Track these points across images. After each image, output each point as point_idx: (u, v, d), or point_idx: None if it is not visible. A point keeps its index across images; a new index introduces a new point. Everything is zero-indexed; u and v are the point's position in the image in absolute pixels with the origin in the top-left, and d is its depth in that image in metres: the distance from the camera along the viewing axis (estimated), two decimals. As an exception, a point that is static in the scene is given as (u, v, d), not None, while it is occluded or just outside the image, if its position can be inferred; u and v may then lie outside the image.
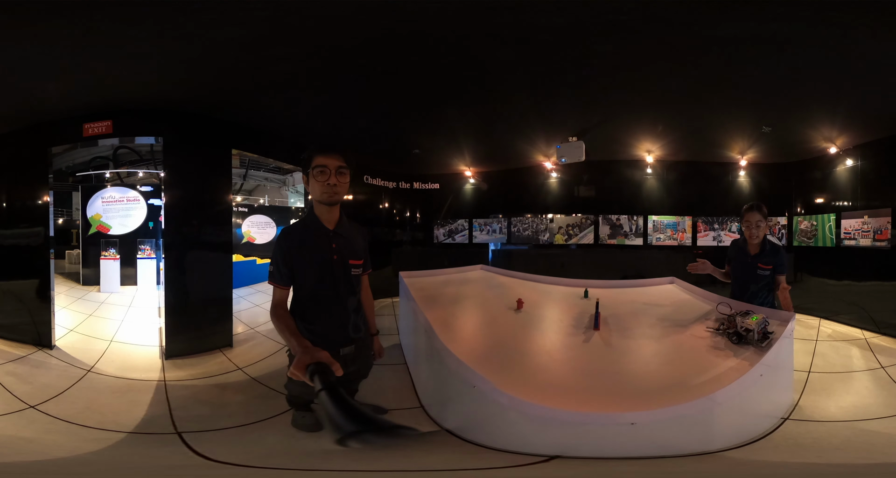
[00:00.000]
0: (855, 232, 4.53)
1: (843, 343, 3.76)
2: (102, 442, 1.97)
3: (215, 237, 3.96)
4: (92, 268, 7.34)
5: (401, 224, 6.73)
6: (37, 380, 2.87)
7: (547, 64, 2.93)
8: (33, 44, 2.45)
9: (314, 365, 1.21)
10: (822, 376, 2.81)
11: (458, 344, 2.09)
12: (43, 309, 3.73)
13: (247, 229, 10.21)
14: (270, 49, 2.61)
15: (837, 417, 2.15)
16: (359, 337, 1.82)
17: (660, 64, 2.90)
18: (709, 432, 1.62)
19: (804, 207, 5.35)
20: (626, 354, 2.12)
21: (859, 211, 4.52)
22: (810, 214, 5.20)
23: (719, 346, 2.07)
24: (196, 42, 2.49)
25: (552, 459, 1.50)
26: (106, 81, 3.07)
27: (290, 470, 1.54)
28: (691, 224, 5.70)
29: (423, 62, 2.89)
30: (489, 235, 6.50)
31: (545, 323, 2.66)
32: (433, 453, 1.66)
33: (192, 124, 3.80)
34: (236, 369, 3.23)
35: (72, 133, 3.79)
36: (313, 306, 1.71)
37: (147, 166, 8.34)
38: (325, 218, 1.72)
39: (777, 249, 2.65)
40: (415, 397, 2.49)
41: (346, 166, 1.64)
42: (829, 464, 1.66)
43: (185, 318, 3.67)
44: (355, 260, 1.78)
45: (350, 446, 1.05)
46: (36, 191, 3.91)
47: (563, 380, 1.83)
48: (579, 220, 6.04)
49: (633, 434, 1.50)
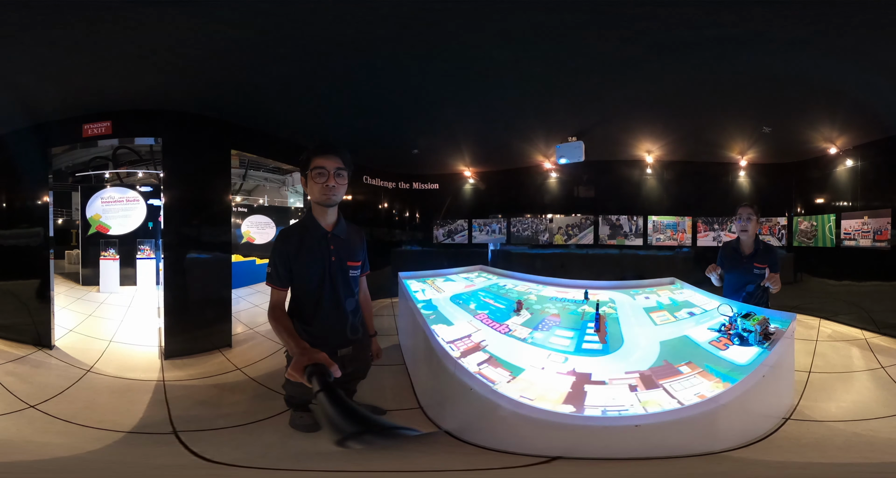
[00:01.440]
0: (855, 232, 4.52)
1: (843, 343, 3.75)
2: (101, 442, 1.97)
3: (214, 237, 3.96)
4: (91, 268, 7.34)
5: (400, 224, 6.72)
6: (36, 380, 2.87)
7: (546, 63, 2.92)
8: (33, 44, 2.45)
9: (312, 366, 1.21)
10: (822, 376, 2.80)
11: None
12: (42, 309, 3.73)
13: (246, 229, 10.21)
14: (269, 49, 2.61)
15: (838, 417, 2.15)
16: (357, 338, 1.82)
17: (659, 63, 2.89)
18: (712, 433, 1.62)
19: (804, 208, 5.35)
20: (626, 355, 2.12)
21: (859, 211, 4.51)
22: (810, 215, 5.19)
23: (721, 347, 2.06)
24: (195, 42, 2.49)
25: (553, 460, 1.49)
26: (105, 82, 3.07)
27: (287, 471, 1.54)
28: (691, 224, 5.69)
29: (423, 62, 2.89)
30: (489, 236, 6.50)
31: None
32: (432, 453, 1.66)
33: (191, 125, 3.79)
34: (235, 369, 3.23)
35: (71, 134, 3.79)
36: (311, 308, 1.70)
37: (146, 167, 8.34)
38: (323, 219, 1.72)
39: (770, 249, 2.72)
40: (414, 398, 2.48)
41: (344, 168, 1.64)
42: (835, 464, 1.67)
43: (185, 318, 3.66)
44: (353, 261, 1.78)
45: (348, 447, 1.05)
46: (36, 191, 3.91)
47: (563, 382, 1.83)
48: (579, 220, 6.04)
49: (637, 436, 1.49)
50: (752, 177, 5.53)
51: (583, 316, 2.75)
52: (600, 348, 2.22)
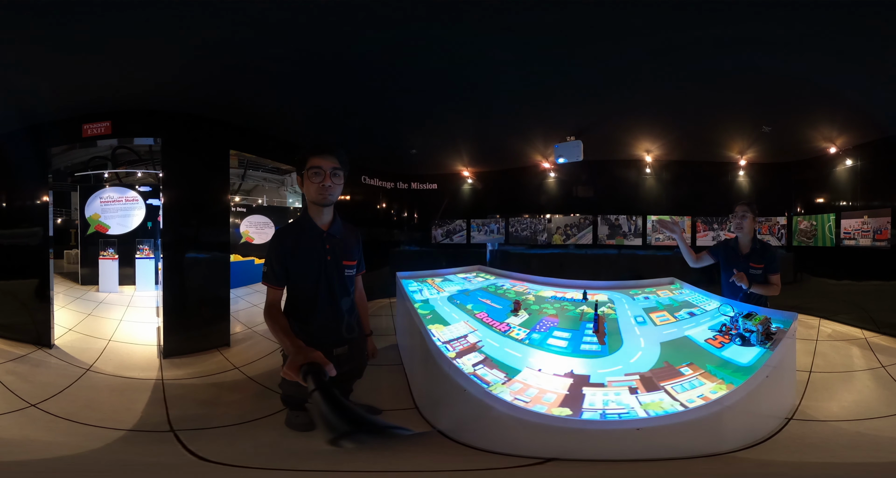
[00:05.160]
0: (855, 232, 4.51)
1: (844, 343, 3.75)
2: (103, 440, 1.98)
3: (213, 237, 3.96)
4: (90, 268, 7.33)
5: (398, 224, 6.71)
6: (37, 378, 2.88)
7: (545, 63, 2.92)
8: (33, 45, 2.45)
9: (308, 365, 1.21)
10: (823, 376, 2.80)
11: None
12: (42, 308, 3.73)
13: (245, 229, 10.21)
14: (267, 49, 2.61)
15: (840, 416, 2.15)
16: (352, 337, 1.82)
17: (659, 63, 2.89)
18: (717, 434, 1.60)
19: (804, 207, 5.34)
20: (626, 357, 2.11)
21: (859, 211, 4.51)
22: (810, 214, 5.18)
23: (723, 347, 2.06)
24: (193, 43, 2.49)
25: (548, 461, 1.49)
26: (105, 83, 3.07)
27: (282, 470, 1.53)
28: (690, 224, 5.68)
29: (422, 61, 2.88)
30: (487, 236, 6.49)
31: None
32: (424, 453, 1.66)
33: (190, 125, 3.80)
34: (233, 368, 3.23)
35: (71, 133, 3.79)
36: (307, 307, 1.71)
37: (145, 166, 8.33)
38: (319, 219, 1.72)
39: (767, 248, 2.67)
40: (410, 398, 2.48)
41: (340, 168, 1.64)
42: (848, 463, 1.66)
43: (183, 317, 3.66)
44: (349, 261, 1.78)
45: (343, 446, 1.05)
46: (35, 191, 3.91)
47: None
48: (577, 220, 6.03)
49: (639, 439, 1.48)
50: (752, 176, 5.52)
51: (581, 317, 2.73)
52: (599, 350, 2.20)
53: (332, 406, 1.07)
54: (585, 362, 2.05)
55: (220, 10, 2.16)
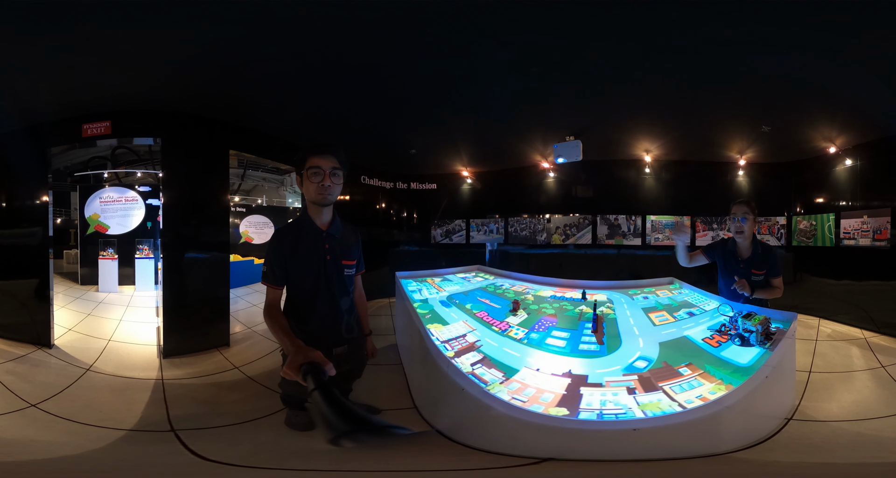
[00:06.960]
0: (854, 232, 4.52)
1: (843, 343, 3.75)
2: (103, 440, 1.97)
3: (213, 237, 3.96)
4: (90, 267, 7.33)
5: (398, 224, 6.71)
6: (37, 378, 2.87)
7: (544, 63, 2.92)
8: (33, 45, 2.45)
9: (307, 365, 1.21)
10: (822, 376, 2.80)
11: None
12: (42, 308, 3.73)
13: (245, 229, 10.21)
14: (265, 48, 2.61)
15: (840, 416, 2.15)
16: (352, 337, 1.82)
17: (658, 63, 2.89)
18: (715, 435, 1.60)
19: (803, 207, 5.34)
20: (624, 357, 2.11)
21: (859, 211, 4.51)
22: (810, 214, 5.18)
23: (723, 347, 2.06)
24: (192, 43, 2.49)
25: (544, 461, 1.49)
26: (104, 83, 3.07)
27: (282, 470, 1.54)
28: (690, 224, 5.68)
29: (421, 61, 2.88)
30: (486, 236, 6.49)
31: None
32: (423, 453, 1.66)
33: (189, 125, 3.79)
34: (233, 368, 3.23)
35: (71, 133, 3.79)
36: (306, 306, 1.71)
37: (145, 166, 8.32)
38: (319, 218, 1.72)
39: (769, 251, 2.52)
40: (409, 398, 2.48)
41: (340, 167, 1.64)
42: (849, 464, 1.66)
43: (183, 317, 3.66)
44: (348, 260, 1.78)
45: (342, 446, 1.05)
46: (35, 191, 3.91)
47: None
48: (577, 220, 6.03)
49: (636, 439, 1.48)
50: (751, 176, 5.52)
51: (580, 316, 2.74)
52: (597, 349, 2.20)
53: (331, 406, 1.07)
54: (584, 362, 2.05)
55: (219, 9, 2.16)
